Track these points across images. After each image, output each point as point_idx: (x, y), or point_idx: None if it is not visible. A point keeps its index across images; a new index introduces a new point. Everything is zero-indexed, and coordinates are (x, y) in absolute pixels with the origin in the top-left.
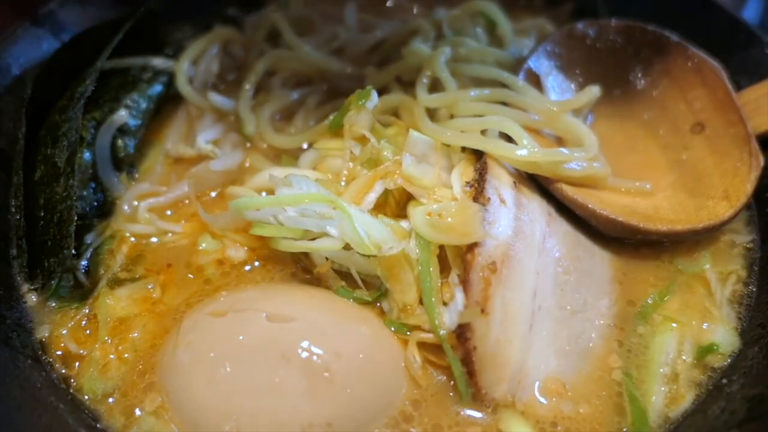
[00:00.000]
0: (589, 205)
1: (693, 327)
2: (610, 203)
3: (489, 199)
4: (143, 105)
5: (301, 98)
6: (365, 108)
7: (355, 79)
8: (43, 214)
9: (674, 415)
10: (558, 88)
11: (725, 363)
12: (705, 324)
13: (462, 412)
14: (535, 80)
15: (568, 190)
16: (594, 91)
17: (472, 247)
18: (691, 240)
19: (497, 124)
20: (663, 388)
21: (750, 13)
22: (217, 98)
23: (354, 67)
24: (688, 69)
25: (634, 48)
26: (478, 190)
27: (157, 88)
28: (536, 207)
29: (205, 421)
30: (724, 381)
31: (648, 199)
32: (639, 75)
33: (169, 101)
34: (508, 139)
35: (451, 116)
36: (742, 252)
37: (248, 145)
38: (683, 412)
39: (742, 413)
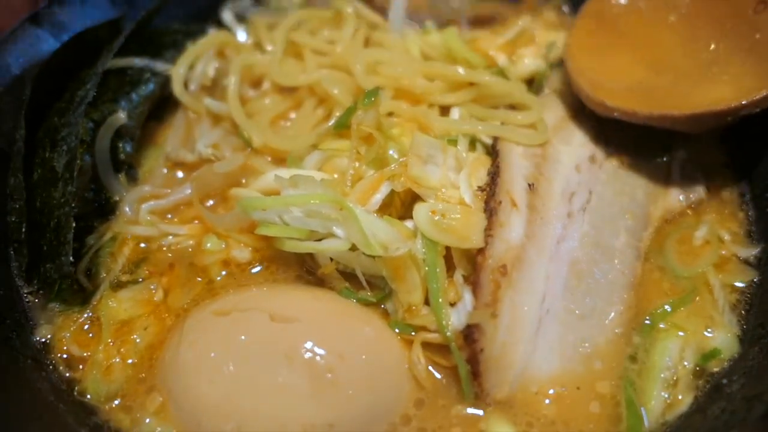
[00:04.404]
0: (675, 113)
1: (697, 334)
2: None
3: (500, 202)
4: (138, 106)
5: (296, 102)
6: (373, 107)
7: (344, 82)
8: (39, 217)
9: (672, 418)
10: None
11: (724, 366)
12: (708, 330)
13: (459, 413)
14: None
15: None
16: None
17: (482, 249)
18: None
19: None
20: (663, 394)
21: None
22: (213, 103)
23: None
24: None
25: None
26: (489, 193)
27: (150, 87)
28: (552, 208)
29: (207, 421)
30: (724, 381)
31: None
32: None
33: (168, 104)
34: None
35: None
36: (744, 262)
37: (249, 150)
38: (681, 415)
39: (742, 413)
